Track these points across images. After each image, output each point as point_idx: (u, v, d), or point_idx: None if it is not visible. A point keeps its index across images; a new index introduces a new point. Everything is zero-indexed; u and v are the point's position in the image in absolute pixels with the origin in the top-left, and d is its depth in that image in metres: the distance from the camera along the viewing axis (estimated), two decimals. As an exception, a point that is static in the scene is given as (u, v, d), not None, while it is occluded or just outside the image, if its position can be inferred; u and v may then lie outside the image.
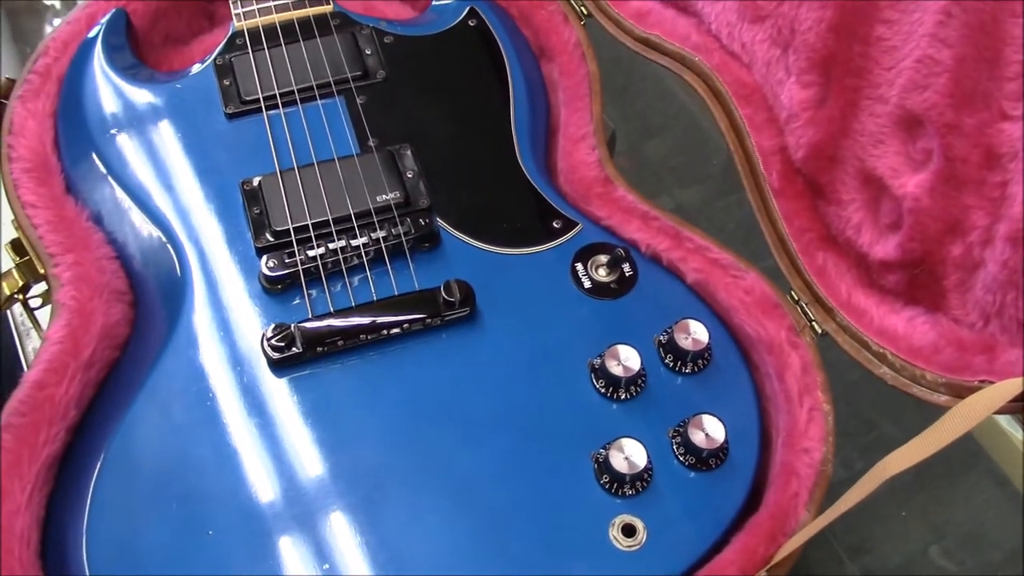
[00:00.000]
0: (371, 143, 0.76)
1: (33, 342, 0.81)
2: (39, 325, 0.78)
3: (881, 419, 1.03)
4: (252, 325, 0.69)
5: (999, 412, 0.54)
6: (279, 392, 0.66)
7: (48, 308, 0.71)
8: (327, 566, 0.60)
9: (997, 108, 0.56)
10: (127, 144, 0.76)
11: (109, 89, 0.79)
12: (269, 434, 0.65)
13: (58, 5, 1.25)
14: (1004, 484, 1.00)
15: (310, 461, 0.64)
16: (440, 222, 0.73)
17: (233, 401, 0.66)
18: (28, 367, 0.68)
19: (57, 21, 1.18)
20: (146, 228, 0.73)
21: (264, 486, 0.63)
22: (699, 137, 1.25)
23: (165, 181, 0.75)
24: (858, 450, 1.01)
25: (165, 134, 0.77)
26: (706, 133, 1.24)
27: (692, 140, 1.27)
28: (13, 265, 0.74)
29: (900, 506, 0.99)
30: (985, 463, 1.01)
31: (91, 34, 0.82)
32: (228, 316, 0.69)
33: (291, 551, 0.61)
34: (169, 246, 0.72)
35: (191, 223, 0.73)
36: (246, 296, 0.70)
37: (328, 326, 0.67)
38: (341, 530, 0.62)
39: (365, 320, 0.68)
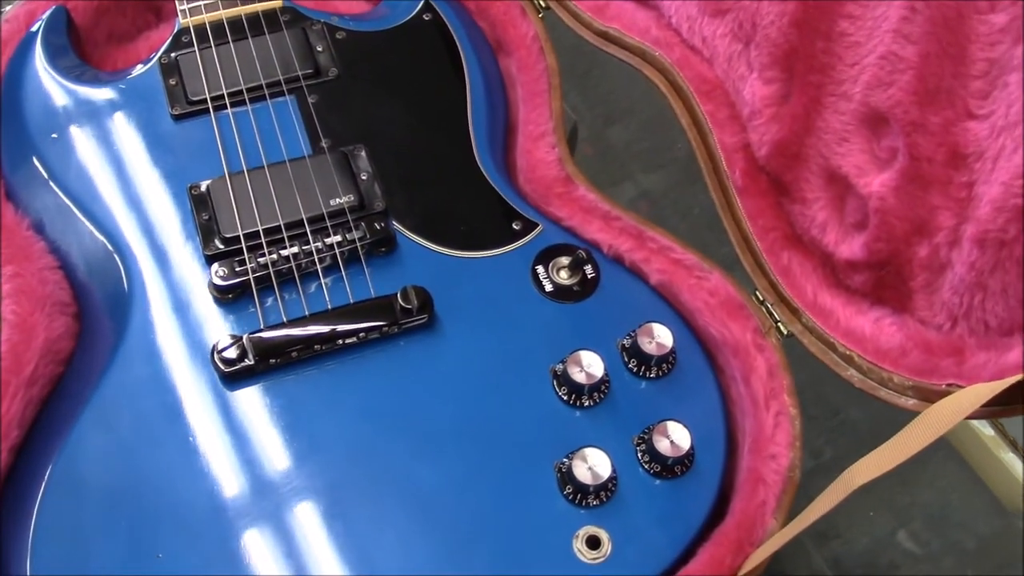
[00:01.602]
0: (323, 144, 0.74)
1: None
2: (-20, 338, 0.75)
3: (847, 404, 1.02)
4: (202, 336, 0.66)
5: (970, 417, 0.53)
6: (231, 406, 0.64)
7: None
8: None
9: (962, 106, 0.55)
10: (69, 148, 0.74)
11: (50, 90, 0.76)
12: (222, 450, 0.62)
13: None
14: (967, 467, 1.00)
15: (265, 477, 0.62)
16: (396, 225, 0.71)
17: (183, 416, 0.63)
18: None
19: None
20: (90, 236, 0.70)
21: (217, 504, 0.61)
22: (663, 121, 1.24)
23: (109, 186, 0.72)
24: (824, 435, 1.00)
25: (109, 137, 0.74)
26: (670, 117, 1.24)
27: (656, 124, 1.26)
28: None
29: (866, 491, 0.99)
30: (948, 447, 1.01)
31: (30, 33, 0.79)
32: (177, 327, 0.67)
33: (246, 571, 0.59)
34: (115, 255, 0.69)
35: (137, 230, 0.70)
36: (196, 306, 0.68)
37: (281, 337, 0.65)
38: (298, 548, 0.60)
39: (319, 330, 0.65)
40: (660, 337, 0.67)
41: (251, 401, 0.64)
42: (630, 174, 1.24)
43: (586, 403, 0.65)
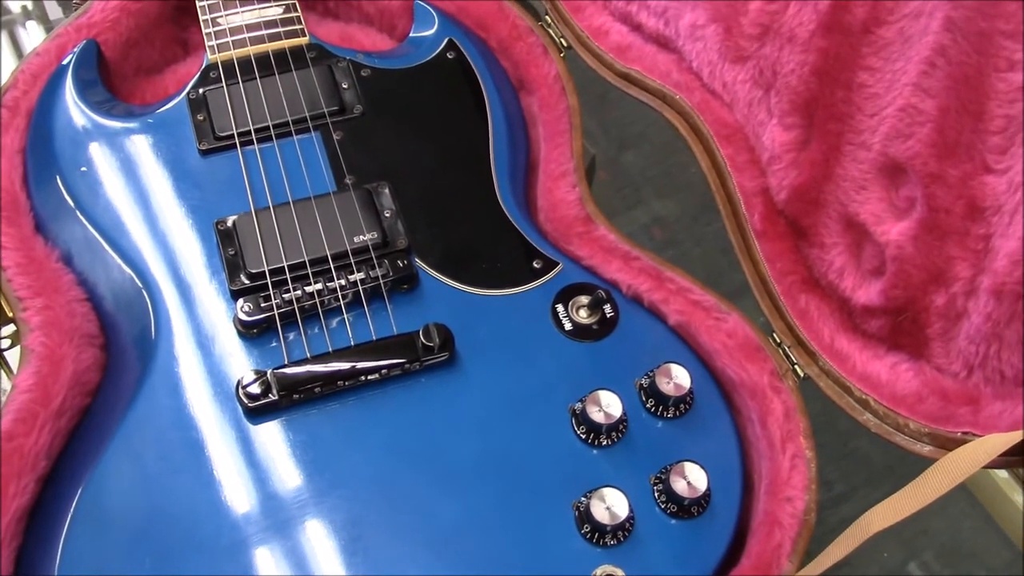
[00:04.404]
0: (348, 181, 0.75)
1: (3, 383, 0.79)
2: (9, 368, 0.76)
3: (857, 433, 1.02)
4: (227, 371, 0.67)
5: (987, 467, 0.54)
6: (255, 441, 0.65)
7: (18, 349, 0.70)
8: None
9: (980, 161, 0.55)
10: (98, 181, 0.75)
11: (80, 124, 0.77)
12: (245, 484, 0.63)
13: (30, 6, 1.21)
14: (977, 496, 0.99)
15: (287, 511, 0.62)
16: (419, 263, 0.72)
17: (208, 450, 0.64)
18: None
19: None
20: (118, 269, 0.71)
21: (241, 539, 0.61)
22: (677, 147, 1.24)
23: (137, 220, 0.73)
24: (833, 462, 1.00)
25: (137, 171, 0.75)
26: (683, 143, 1.25)
27: (669, 149, 1.26)
28: (-20, 308, 0.72)
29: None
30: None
31: (61, 66, 0.80)
32: (202, 361, 0.67)
33: (269, 606, 0.60)
34: (141, 288, 0.70)
35: (164, 264, 0.71)
36: (221, 340, 0.68)
37: (304, 373, 0.66)
38: (320, 584, 0.60)
39: (342, 366, 0.66)
40: (678, 378, 0.67)
41: (275, 436, 0.65)
42: (644, 199, 1.24)
43: (604, 442, 0.66)
